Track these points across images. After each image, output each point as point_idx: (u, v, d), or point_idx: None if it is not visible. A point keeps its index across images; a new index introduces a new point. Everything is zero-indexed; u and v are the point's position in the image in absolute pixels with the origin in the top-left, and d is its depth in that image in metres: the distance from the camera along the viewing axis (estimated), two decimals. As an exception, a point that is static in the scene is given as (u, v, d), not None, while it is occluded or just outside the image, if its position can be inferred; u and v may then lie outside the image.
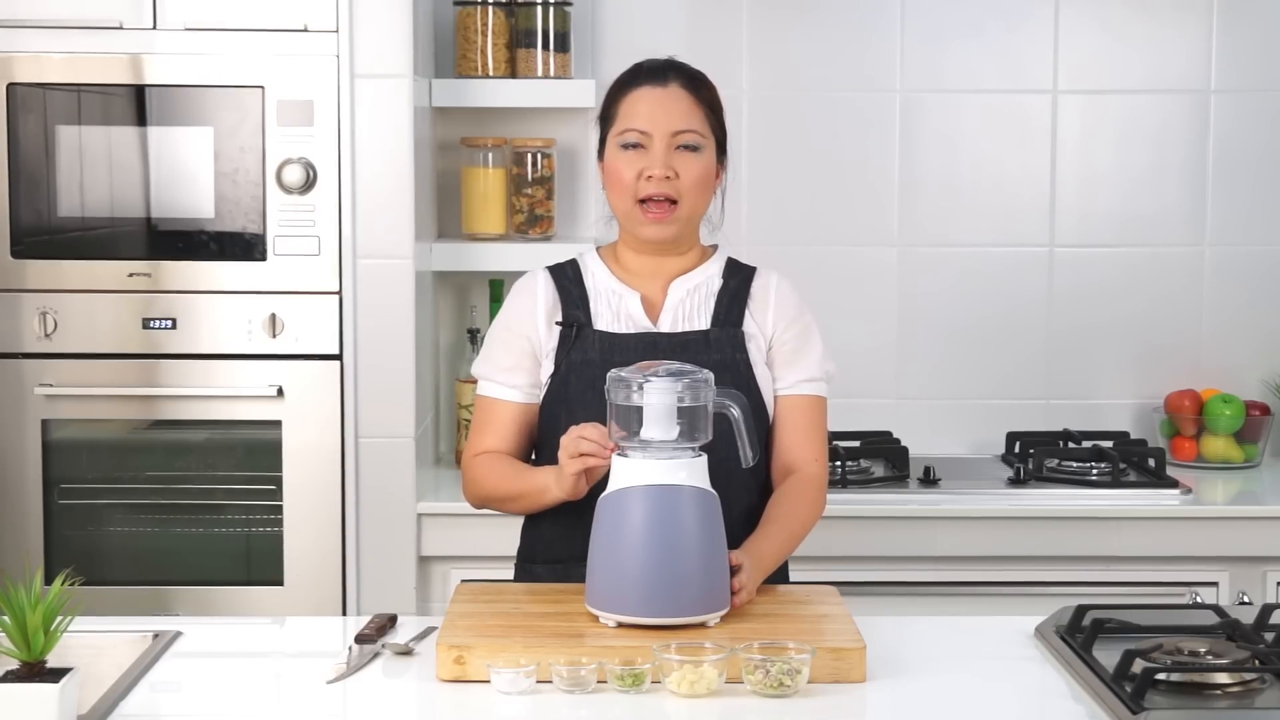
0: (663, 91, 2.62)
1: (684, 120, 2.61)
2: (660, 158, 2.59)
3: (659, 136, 2.60)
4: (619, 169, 2.62)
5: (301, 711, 2.24)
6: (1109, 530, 3.53)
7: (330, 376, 3.51)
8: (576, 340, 2.64)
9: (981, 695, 2.27)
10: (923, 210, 4.05)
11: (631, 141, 2.61)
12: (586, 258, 2.73)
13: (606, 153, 2.66)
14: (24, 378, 3.51)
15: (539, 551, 2.69)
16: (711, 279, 2.70)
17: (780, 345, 2.69)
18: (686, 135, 2.61)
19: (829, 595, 2.50)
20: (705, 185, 2.64)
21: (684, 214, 2.62)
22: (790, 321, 2.70)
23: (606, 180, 2.66)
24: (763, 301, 2.70)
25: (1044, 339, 4.08)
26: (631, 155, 2.61)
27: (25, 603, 2.05)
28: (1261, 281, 4.08)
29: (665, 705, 2.16)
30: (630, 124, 2.62)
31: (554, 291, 2.68)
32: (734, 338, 2.66)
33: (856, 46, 4.02)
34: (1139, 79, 4.04)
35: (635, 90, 2.64)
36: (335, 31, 3.46)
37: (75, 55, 3.46)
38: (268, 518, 3.55)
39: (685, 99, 2.62)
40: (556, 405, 2.64)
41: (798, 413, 2.68)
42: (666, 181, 2.59)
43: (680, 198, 2.61)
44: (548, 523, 2.66)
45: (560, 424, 2.58)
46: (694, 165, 2.61)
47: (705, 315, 2.67)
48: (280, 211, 3.48)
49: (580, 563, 2.45)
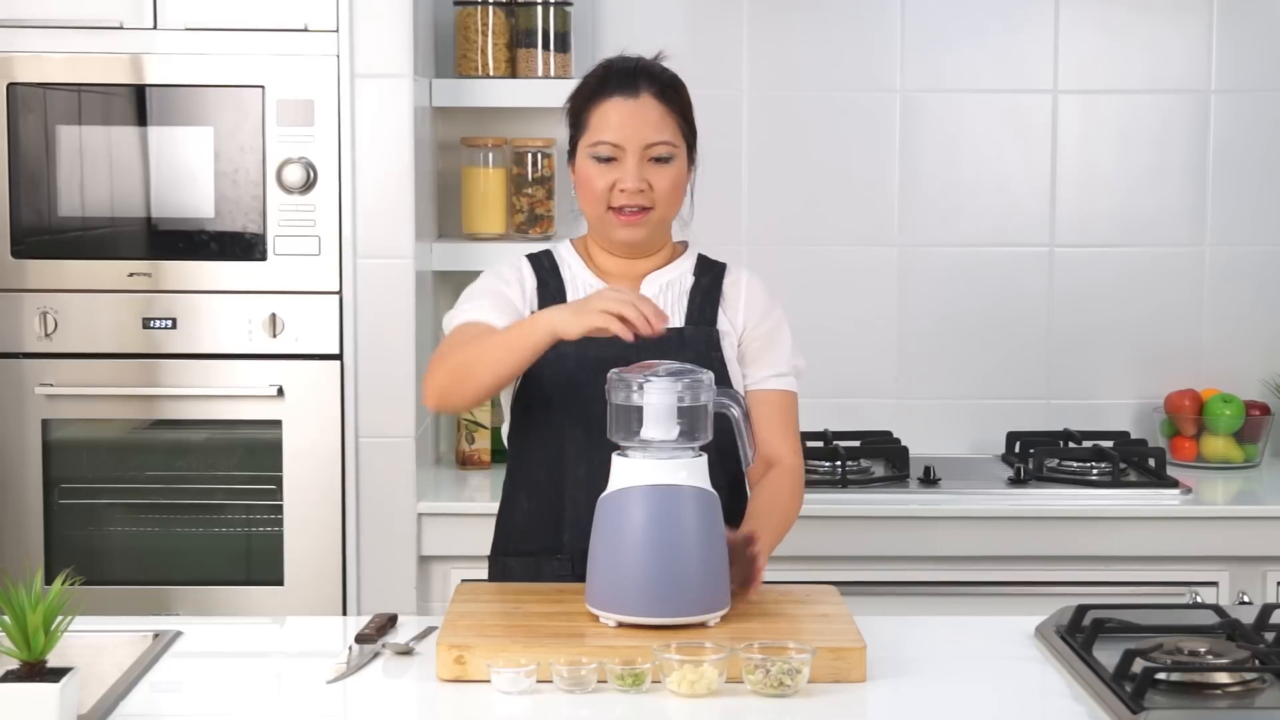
0: (634, 104, 2.60)
1: (656, 132, 2.60)
2: (633, 171, 2.59)
3: (631, 150, 2.59)
4: (591, 178, 2.62)
5: (301, 711, 2.24)
6: (1109, 530, 3.53)
7: (330, 376, 3.51)
8: None
9: (981, 695, 2.27)
10: (923, 210, 4.05)
11: (604, 155, 2.61)
12: (560, 249, 2.73)
13: (578, 160, 2.65)
14: (24, 378, 3.51)
15: (512, 543, 2.68)
16: (684, 276, 2.70)
17: (750, 341, 2.69)
18: (659, 148, 2.60)
19: (829, 595, 2.50)
20: (677, 192, 2.65)
21: (656, 218, 2.64)
22: (761, 317, 2.70)
23: (578, 186, 2.66)
24: (734, 299, 2.70)
25: (1044, 339, 4.08)
26: (604, 167, 2.61)
27: (25, 602, 2.05)
28: (1262, 281, 4.08)
29: (665, 705, 2.16)
30: (601, 136, 2.61)
31: (534, 279, 2.69)
32: (709, 336, 2.66)
33: (856, 46, 4.02)
34: (1139, 79, 4.04)
35: (606, 101, 2.62)
36: (335, 31, 3.46)
37: (75, 55, 3.46)
38: (268, 518, 3.55)
39: (656, 109, 2.61)
40: (530, 396, 2.64)
41: (771, 407, 2.68)
42: (640, 194, 2.60)
43: (654, 206, 2.62)
44: (520, 514, 2.66)
45: (534, 416, 2.59)
46: (666, 175, 2.61)
47: (679, 313, 2.67)
48: (280, 211, 3.48)
49: (552, 555, 2.44)
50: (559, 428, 2.61)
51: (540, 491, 2.64)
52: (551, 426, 2.61)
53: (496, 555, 2.72)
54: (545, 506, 2.62)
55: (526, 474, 2.66)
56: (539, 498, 2.62)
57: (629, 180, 2.59)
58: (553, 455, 2.62)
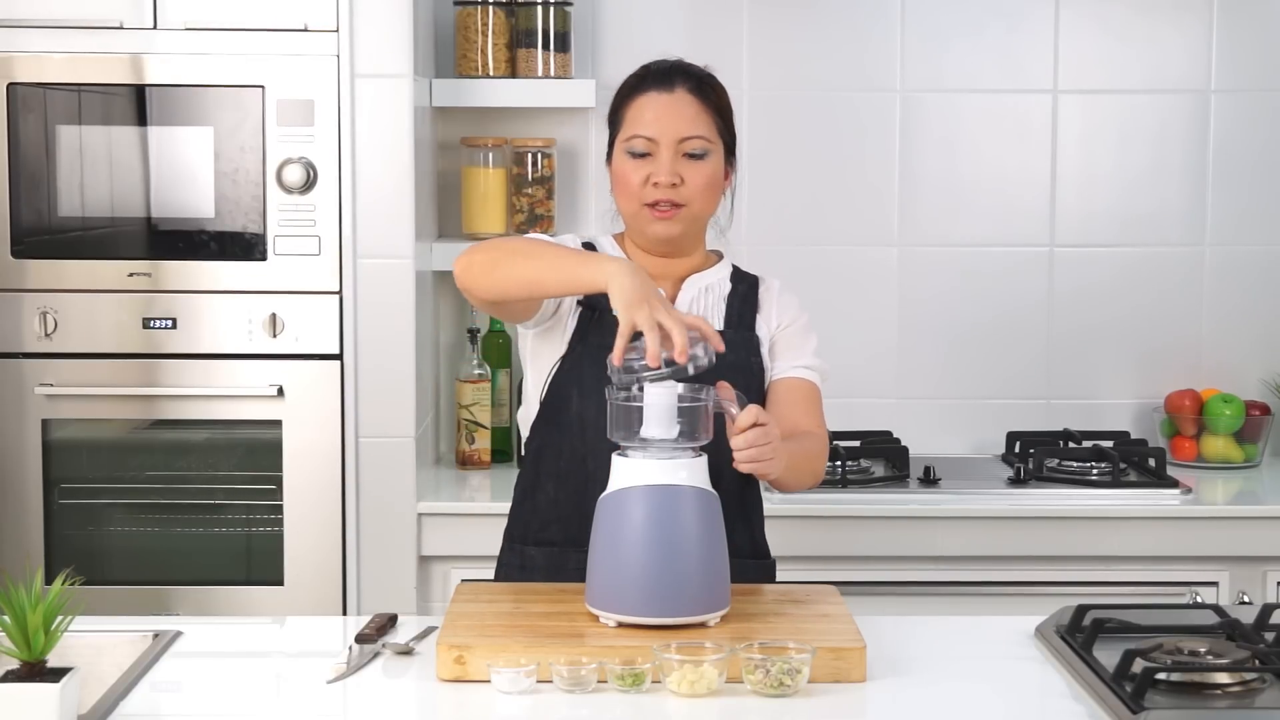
0: (669, 97, 2.61)
1: (690, 127, 2.60)
2: (666, 165, 2.59)
3: (665, 144, 2.59)
4: (626, 174, 2.62)
5: (301, 711, 2.24)
6: (1109, 530, 3.53)
7: (330, 376, 3.51)
8: (595, 324, 2.62)
9: (981, 695, 2.27)
10: (923, 210, 4.05)
11: (639, 150, 2.61)
12: (603, 242, 2.73)
13: (614, 157, 2.65)
14: (24, 377, 3.51)
15: (533, 532, 2.66)
16: (722, 281, 2.70)
17: (779, 339, 2.70)
18: (693, 142, 2.60)
19: (829, 595, 2.50)
20: (712, 190, 2.64)
21: (690, 214, 2.62)
22: (792, 320, 2.72)
23: (614, 184, 2.66)
24: (768, 307, 2.71)
25: (1044, 339, 4.08)
26: (639, 162, 2.61)
27: (25, 602, 2.06)
28: (1261, 281, 4.08)
29: (665, 705, 2.16)
30: (636, 130, 2.61)
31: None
32: (748, 341, 2.66)
33: (856, 46, 4.02)
34: (1139, 79, 4.04)
35: (642, 96, 2.63)
36: (335, 31, 3.46)
37: (75, 55, 3.46)
38: (268, 518, 3.55)
39: (692, 104, 2.61)
40: (568, 386, 2.62)
41: (796, 391, 2.68)
42: (672, 189, 2.59)
43: (687, 203, 2.61)
44: (546, 502, 2.64)
45: (571, 405, 2.59)
46: (700, 171, 2.61)
47: (718, 317, 2.67)
48: (280, 211, 3.48)
49: (576, 548, 2.44)
50: (595, 420, 2.54)
51: (568, 482, 2.61)
52: (588, 418, 2.58)
53: (513, 543, 2.69)
54: (571, 497, 2.60)
55: (554, 464, 2.63)
56: (566, 488, 2.60)
57: (662, 173, 2.58)
58: (582, 447, 2.59)
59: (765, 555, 2.72)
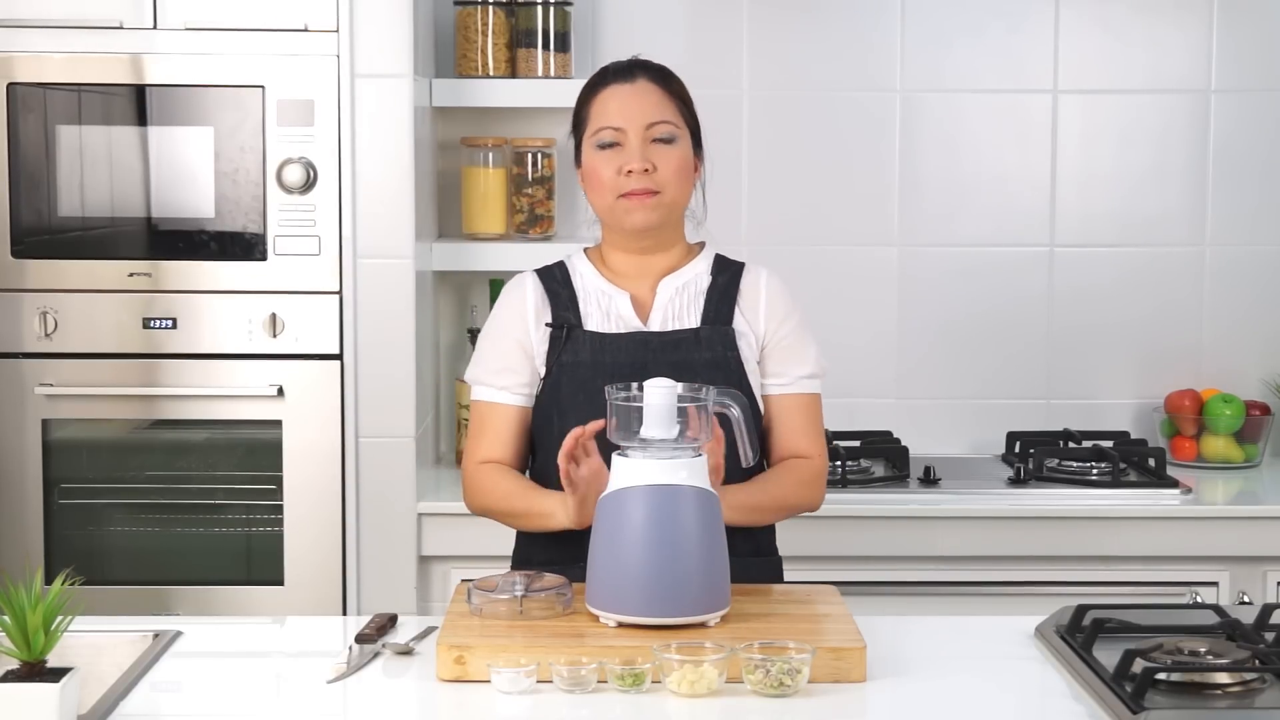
0: (631, 87, 2.64)
1: (656, 112, 2.62)
2: (637, 151, 2.60)
3: (633, 131, 2.61)
4: (597, 168, 2.63)
5: (301, 711, 2.24)
6: (1109, 530, 3.53)
7: (330, 376, 3.51)
8: (567, 342, 2.64)
9: (981, 695, 2.27)
10: (923, 210, 4.05)
11: (607, 141, 2.62)
12: (574, 259, 2.73)
13: (584, 156, 2.67)
14: (24, 378, 3.51)
15: (535, 554, 2.67)
16: (700, 276, 2.70)
17: (775, 343, 2.69)
18: (660, 127, 2.62)
19: (829, 595, 2.50)
20: (684, 175, 2.65)
21: (666, 200, 2.63)
22: (783, 319, 2.70)
23: (586, 183, 2.67)
24: (752, 299, 2.69)
25: (1044, 339, 4.08)
26: (608, 154, 2.62)
27: (25, 602, 2.06)
28: (1262, 281, 4.08)
29: (665, 705, 2.16)
30: (603, 122, 2.63)
31: (543, 293, 2.68)
32: (725, 335, 2.65)
33: (857, 46, 4.02)
34: (1139, 79, 4.04)
35: (604, 90, 2.66)
36: (335, 31, 3.46)
37: (75, 55, 3.46)
38: (268, 518, 3.55)
39: (655, 92, 2.64)
40: (549, 408, 2.64)
41: (798, 412, 2.69)
42: (646, 175, 2.60)
43: (661, 189, 2.61)
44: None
45: (553, 426, 2.59)
46: (671, 156, 2.62)
47: (695, 313, 2.67)
48: (280, 211, 3.48)
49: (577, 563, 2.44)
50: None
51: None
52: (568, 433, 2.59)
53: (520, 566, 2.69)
54: None
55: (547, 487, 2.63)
56: None
57: (634, 160, 2.59)
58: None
59: (771, 553, 2.72)
